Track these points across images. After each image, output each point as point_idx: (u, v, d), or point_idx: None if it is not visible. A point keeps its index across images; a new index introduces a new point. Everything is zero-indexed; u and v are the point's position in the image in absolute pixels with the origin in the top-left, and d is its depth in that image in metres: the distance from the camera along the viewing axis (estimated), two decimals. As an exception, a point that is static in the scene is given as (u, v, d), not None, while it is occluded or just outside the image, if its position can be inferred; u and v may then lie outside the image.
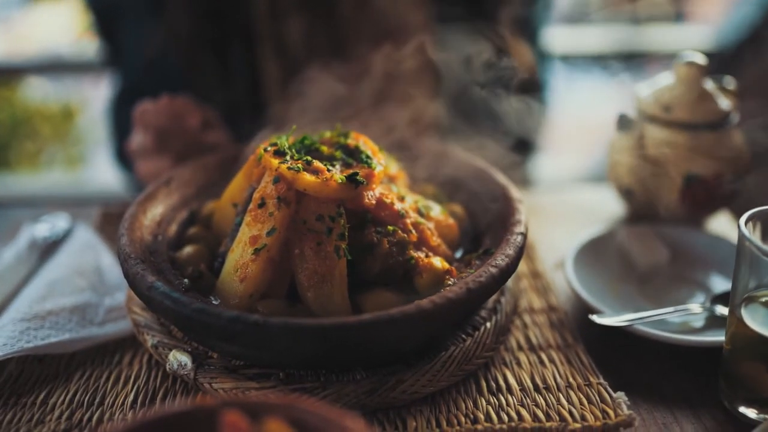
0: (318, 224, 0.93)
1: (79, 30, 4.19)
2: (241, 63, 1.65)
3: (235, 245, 0.95)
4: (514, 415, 0.90)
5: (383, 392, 0.89)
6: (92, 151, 4.37)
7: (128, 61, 1.76)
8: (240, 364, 0.93)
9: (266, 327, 0.80)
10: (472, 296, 0.87)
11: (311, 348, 0.82)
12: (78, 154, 4.41)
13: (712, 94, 1.30)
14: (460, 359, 0.94)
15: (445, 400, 0.93)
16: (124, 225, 1.01)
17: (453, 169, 1.20)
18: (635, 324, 1.01)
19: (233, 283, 0.93)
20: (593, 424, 0.87)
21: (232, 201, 1.07)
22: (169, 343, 0.97)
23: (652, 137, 1.29)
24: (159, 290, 0.86)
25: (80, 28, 4.16)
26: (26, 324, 1.02)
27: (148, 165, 1.35)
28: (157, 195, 1.12)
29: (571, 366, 0.99)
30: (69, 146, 4.41)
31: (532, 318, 1.11)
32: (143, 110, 1.33)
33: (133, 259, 0.93)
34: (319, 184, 0.93)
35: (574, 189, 1.67)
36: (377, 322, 0.81)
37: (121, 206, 1.45)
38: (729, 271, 1.18)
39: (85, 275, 1.17)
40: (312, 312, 0.92)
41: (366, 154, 1.02)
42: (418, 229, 1.00)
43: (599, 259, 1.21)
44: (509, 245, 0.96)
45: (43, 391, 0.96)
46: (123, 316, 1.08)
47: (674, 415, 0.94)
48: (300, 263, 0.93)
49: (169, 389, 0.96)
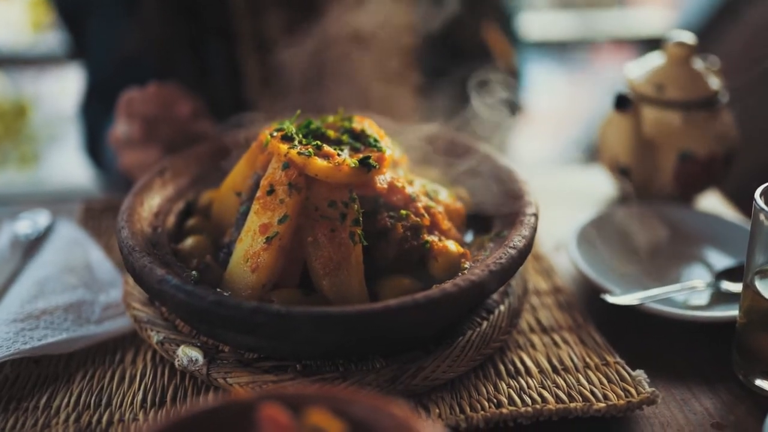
0: (331, 210, 0.90)
1: (33, 23, 4.03)
2: (219, 60, 1.61)
3: (243, 234, 0.92)
4: (537, 398, 0.89)
5: (405, 380, 0.87)
6: (47, 149, 4.22)
7: (96, 57, 1.69)
8: (254, 357, 0.89)
9: (289, 317, 0.77)
10: (494, 278, 0.86)
11: (336, 337, 0.80)
12: (32, 153, 4.25)
13: (702, 74, 1.31)
14: (478, 343, 0.93)
15: (465, 386, 0.91)
16: (123, 217, 0.97)
17: (453, 152, 1.18)
18: (647, 302, 1.02)
19: (244, 273, 0.90)
20: (617, 403, 0.87)
21: (234, 189, 1.03)
22: (176, 338, 0.93)
23: (646, 117, 1.30)
24: (171, 283, 0.82)
25: (34, 22, 4.01)
26: (20, 325, 0.97)
27: (134, 155, 1.29)
28: (153, 186, 1.07)
29: (586, 346, 0.99)
30: (21, 144, 4.25)
31: (540, 300, 1.10)
32: (129, 98, 1.27)
33: (138, 252, 0.89)
34: (331, 169, 0.90)
35: (562, 171, 1.67)
36: (403, 308, 0.79)
37: (103, 201, 1.40)
38: (726, 246, 1.21)
39: (75, 272, 1.11)
40: (328, 300, 0.89)
41: (374, 137, 0.99)
42: (429, 213, 0.98)
43: (600, 240, 1.21)
44: (524, 226, 0.95)
45: (45, 394, 0.91)
46: (121, 313, 1.04)
47: (692, 391, 0.94)
48: (314, 251, 0.90)
49: (179, 386, 0.92)
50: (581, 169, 1.64)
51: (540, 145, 3.41)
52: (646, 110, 1.30)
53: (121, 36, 1.56)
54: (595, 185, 1.50)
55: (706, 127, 1.28)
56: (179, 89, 1.32)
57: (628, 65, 1.39)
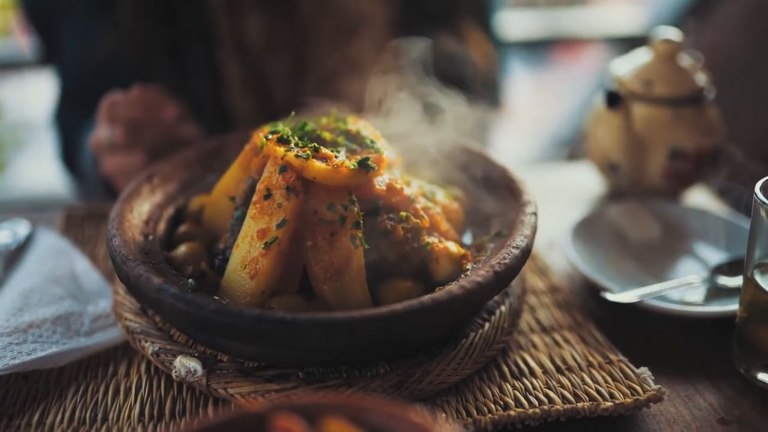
0: (330, 213, 0.88)
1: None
2: (199, 63, 1.58)
3: (240, 240, 0.89)
4: (544, 399, 0.88)
5: (410, 385, 0.85)
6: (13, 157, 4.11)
7: (69, 61, 1.64)
8: (255, 366, 0.87)
9: (295, 324, 0.75)
10: (499, 279, 0.85)
11: (343, 343, 0.78)
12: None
13: (689, 70, 1.32)
14: (482, 345, 0.92)
15: (470, 389, 0.90)
16: (113, 225, 0.93)
17: (446, 152, 1.17)
18: (646, 299, 1.01)
19: (242, 280, 0.88)
20: (624, 401, 0.86)
21: (227, 194, 1.00)
22: (172, 348, 0.90)
23: (635, 113, 1.30)
24: (169, 292, 0.80)
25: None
26: (7, 339, 0.93)
27: (117, 160, 1.25)
28: (141, 192, 1.04)
29: (587, 345, 0.98)
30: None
31: (538, 299, 1.09)
32: (112, 101, 1.24)
33: (132, 260, 0.86)
34: (330, 172, 0.88)
35: (548, 169, 1.67)
36: (411, 312, 0.78)
37: (84, 209, 1.35)
38: (717, 241, 1.21)
39: (60, 283, 1.08)
40: (329, 306, 0.87)
41: (370, 138, 0.98)
42: (427, 215, 0.97)
43: (593, 238, 1.21)
44: (525, 226, 0.94)
45: (37, 410, 0.87)
46: (111, 324, 1.00)
47: (695, 386, 0.94)
48: (313, 255, 0.88)
49: (176, 398, 0.89)
50: (566, 166, 1.64)
51: (516, 143, 3.42)
52: (635, 107, 1.30)
53: (96, 39, 1.52)
54: (581, 182, 1.50)
55: (694, 122, 1.29)
56: (163, 92, 1.29)
57: (615, 62, 1.39)
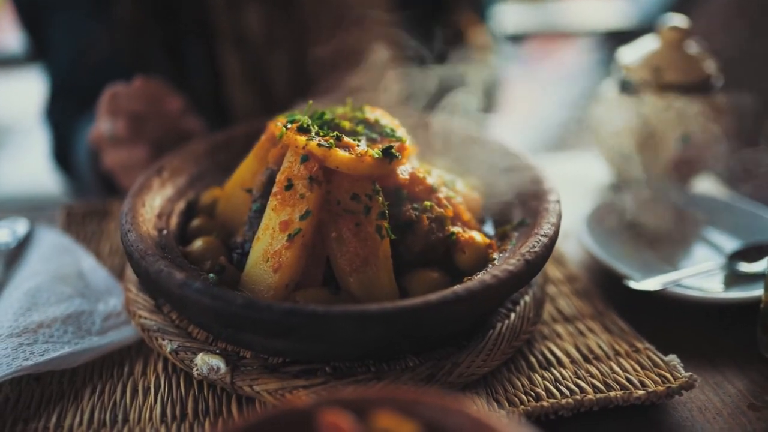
0: (354, 204, 0.86)
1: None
2: (197, 59, 1.54)
3: (260, 233, 0.87)
4: (575, 388, 0.86)
5: (441, 377, 0.83)
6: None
7: (61, 57, 1.60)
8: (280, 362, 0.84)
9: (328, 318, 0.73)
10: (530, 267, 0.83)
11: (376, 336, 0.75)
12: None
13: (697, 57, 1.31)
14: (509, 336, 0.90)
15: (499, 380, 0.88)
16: (128, 219, 0.90)
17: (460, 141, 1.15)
18: (669, 286, 1.00)
19: (265, 273, 0.85)
20: (657, 389, 0.85)
21: (242, 186, 0.98)
22: (191, 346, 0.87)
23: (646, 101, 1.29)
24: (194, 287, 0.77)
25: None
26: (17, 340, 0.89)
27: (120, 154, 1.22)
28: (152, 186, 1.01)
29: (612, 333, 0.97)
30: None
31: (558, 289, 1.08)
32: (114, 94, 1.20)
33: (151, 255, 0.83)
34: (354, 161, 0.86)
35: (554, 159, 1.66)
36: (445, 302, 0.76)
37: (84, 206, 1.32)
38: (729, 227, 1.21)
39: (67, 281, 1.04)
40: (356, 298, 0.85)
41: (390, 127, 0.95)
42: (450, 204, 0.95)
43: (608, 227, 1.20)
44: (550, 213, 0.93)
45: (53, 413, 0.84)
46: (124, 322, 0.97)
47: (723, 373, 0.93)
48: (338, 247, 0.86)
49: (198, 397, 0.86)
50: (572, 156, 1.63)
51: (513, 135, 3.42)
52: (645, 95, 1.29)
53: (91, 35, 1.48)
54: (589, 172, 1.49)
55: (704, 109, 1.28)
56: (166, 84, 1.25)
57: (622, 51, 1.38)
